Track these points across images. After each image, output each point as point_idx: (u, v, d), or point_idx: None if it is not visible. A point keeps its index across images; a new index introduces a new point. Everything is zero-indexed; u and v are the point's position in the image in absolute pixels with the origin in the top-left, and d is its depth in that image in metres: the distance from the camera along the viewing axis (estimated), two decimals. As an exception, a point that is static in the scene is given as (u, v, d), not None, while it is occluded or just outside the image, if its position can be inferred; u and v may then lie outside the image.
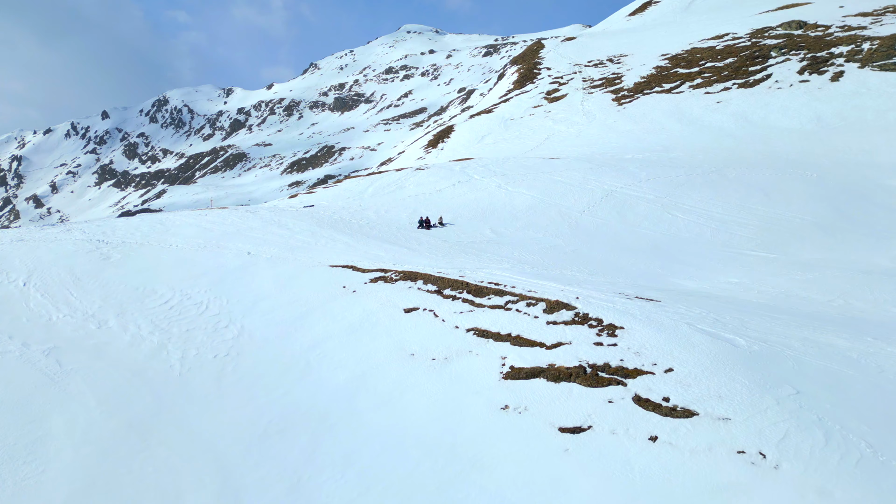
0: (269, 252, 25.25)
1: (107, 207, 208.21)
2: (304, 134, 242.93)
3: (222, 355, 18.48)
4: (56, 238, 27.61)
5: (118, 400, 16.54)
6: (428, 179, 38.32)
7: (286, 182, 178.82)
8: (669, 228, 29.46)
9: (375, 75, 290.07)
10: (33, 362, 17.66)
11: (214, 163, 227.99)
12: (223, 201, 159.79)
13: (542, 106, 63.13)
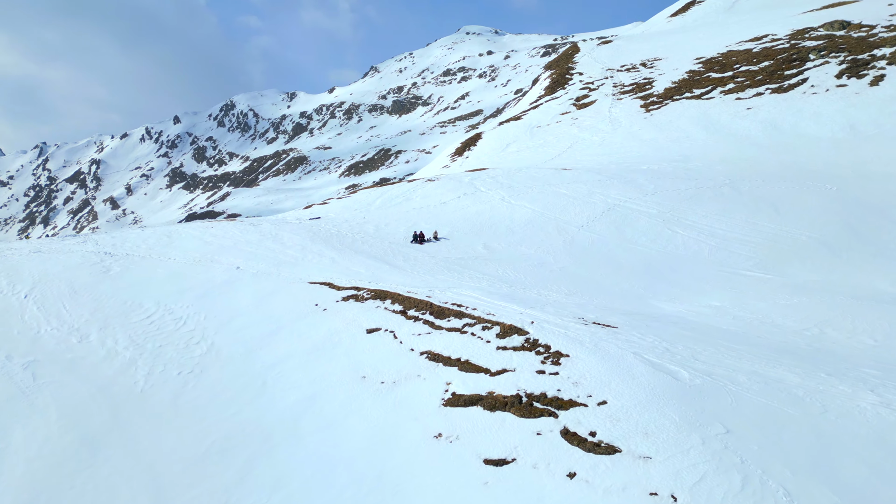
0: (257, 267, 25.83)
1: (176, 209, 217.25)
2: (362, 137, 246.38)
3: (186, 372, 19.02)
4: (69, 250, 29.07)
5: (78, 415, 17.25)
6: (435, 192, 38.31)
7: (343, 185, 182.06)
8: (667, 245, 28.46)
9: (433, 78, 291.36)
10: (11, 375, 18.61)
11: (277, 166, 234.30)
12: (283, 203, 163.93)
13: (569, 113, 61.94)
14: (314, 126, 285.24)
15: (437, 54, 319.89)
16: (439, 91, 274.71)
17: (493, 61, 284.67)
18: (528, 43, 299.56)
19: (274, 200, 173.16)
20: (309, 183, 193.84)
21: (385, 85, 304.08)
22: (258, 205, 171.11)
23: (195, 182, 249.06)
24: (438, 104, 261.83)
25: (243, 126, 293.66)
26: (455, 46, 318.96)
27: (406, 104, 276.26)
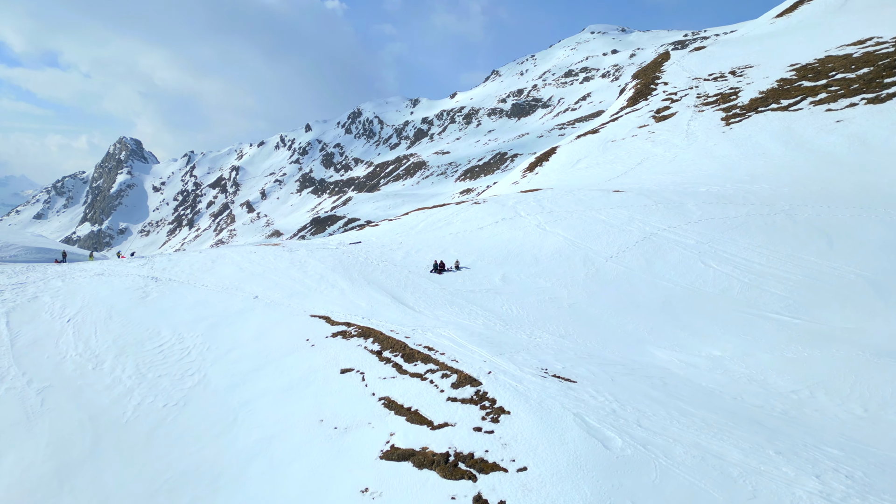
0: (272, 296, 26.90)
1: (305, 212, 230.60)
2: (480, 141, 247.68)
3: (171, 404, 20.23)
4: (126, 273, 31.88)
5: (63, 443, 18.89)
6: (476, 215, 37.75)
7: (458, 189, 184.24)
8: (695, 281, 26.13)
9: (554, 79, 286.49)
10: (24, 399, 20.76)
11: (397, 171, 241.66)
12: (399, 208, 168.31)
13: (647, 126, 58.35)
14: (434, 131, 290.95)
15: (559, 55, 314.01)
16: (560, 93, 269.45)
17: (618, 60, 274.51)
18: (657, 40, 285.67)
19: (392, 205, 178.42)
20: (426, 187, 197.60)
21: (505, 88, 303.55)
22: (377, 209, 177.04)
23: (323, 187, 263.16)
24: (558, 106, 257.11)
25: (368, 132, 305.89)
26: (578, 47, 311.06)
27: (525, 107, 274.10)
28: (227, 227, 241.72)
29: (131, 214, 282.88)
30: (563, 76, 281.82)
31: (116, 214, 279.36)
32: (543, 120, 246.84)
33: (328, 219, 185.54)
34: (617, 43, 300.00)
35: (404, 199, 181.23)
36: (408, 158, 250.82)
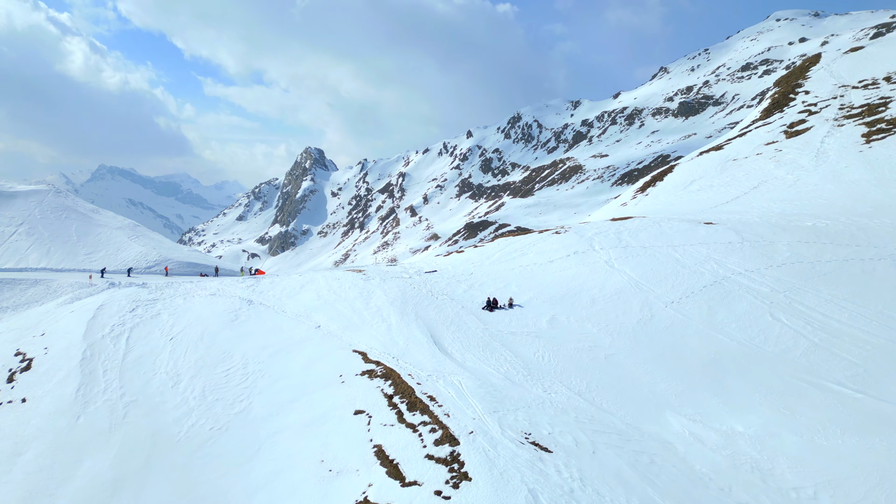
0: (331, 327, 28.85)
1: (462, 217, 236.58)
2: (641, 143, 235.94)
3: (216, 428, 22.75)
4: (231, 294, 35.85)
5: (126, 456, 22.10)
6: (551, 247, 36.66)
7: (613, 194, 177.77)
8: (755, 337, 23.38)
9: (729, 74, 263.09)
10: (113, 411, 24.48)
11: (552, 175, 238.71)
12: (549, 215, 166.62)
13: (775, 143, 51.88)
14: (594, 134, 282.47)
15: (737, 47, 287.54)
16: (734, 88, 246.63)
17: (806, 49, 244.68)
18: (857, 23, 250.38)
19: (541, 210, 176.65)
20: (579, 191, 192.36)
21: (673, 86, 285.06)
22: (527, 214, 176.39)
23: (480, 192, 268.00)
24: (732, 103, 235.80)
25: (527, 137, 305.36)
26: (759, 37, 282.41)
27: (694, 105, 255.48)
28: (392, 230, 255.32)
29: (312, 217, 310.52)
30: (740, 70, 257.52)
31: (300, 217, 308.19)
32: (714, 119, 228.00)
33: (480, 224, 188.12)
34: (806, 30, 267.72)
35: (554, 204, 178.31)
36: (564, 162, 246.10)
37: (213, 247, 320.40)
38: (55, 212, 62.41)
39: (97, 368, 28.39)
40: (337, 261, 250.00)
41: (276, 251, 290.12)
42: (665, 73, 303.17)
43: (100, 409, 25.26)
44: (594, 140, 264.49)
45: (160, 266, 54.37)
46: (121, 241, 58.63)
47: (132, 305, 35.96)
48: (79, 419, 24.82)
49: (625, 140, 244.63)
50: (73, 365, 28.98)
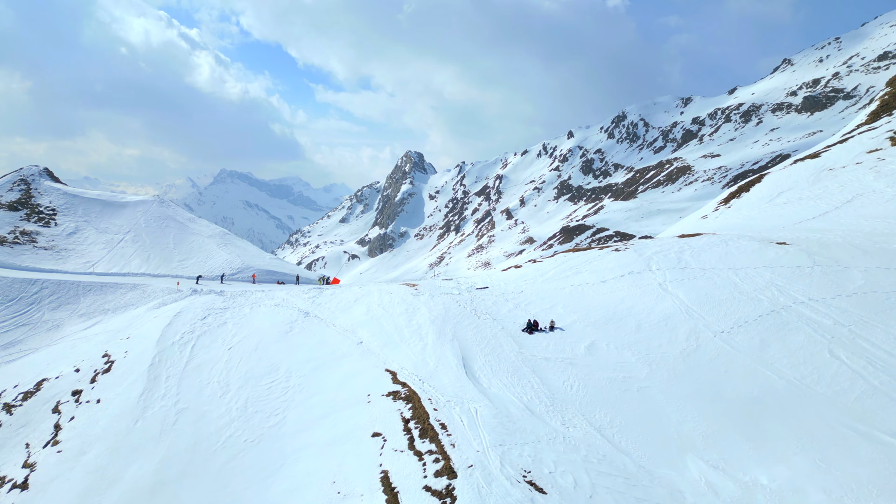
0: (371, 344, 29.64)
1: (559, 220, 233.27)
2: (758, 142, 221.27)
3: (250, 441, 24.14)
4: (291, 306, 37.72)
5: (168, 462, 23.91)
6: (606, 266, 35.20)
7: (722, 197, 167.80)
8: (807, 376, 21.41)
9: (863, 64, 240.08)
10: (165, 417, 26.54)
11: (658, 177, 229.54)
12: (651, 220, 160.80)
13: (879, 151, 46.65)
14: (705, 132, 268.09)
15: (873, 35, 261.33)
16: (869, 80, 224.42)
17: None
18: None
19: (643, 215, 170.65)
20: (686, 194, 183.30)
21: (797, 79, 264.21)
22: (627, 218, 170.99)
23: (579, 194, 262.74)
24: (866, 96, 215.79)
25: (632, 136, 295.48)
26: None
27: (821, 99, 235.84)
28: (488, 234, 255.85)
29: (410, 220, 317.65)
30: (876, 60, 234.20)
31: (399, 220, 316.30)
32: (844, 114, 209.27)
33: (577, 228, 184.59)
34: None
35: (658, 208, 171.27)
36: (671, 163, 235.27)
37: (317, 248, 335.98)
38: (157, 220, 68.28)
39: (161, 374, 30.87)
40: (432, 263, 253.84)
41: (375, 252, 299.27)
42: (789, 65, 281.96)
43: (156, 414, 27.47)
44: (705, 139, 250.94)
45: (243, 273, 58.10)
46: (210, 248, 63.18)
47: (204, 313, 38.71)
48: (137, 423, 27.15)
49: (739, 139, 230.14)
50: (143, 370, 31.68)
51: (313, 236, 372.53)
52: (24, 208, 68.24)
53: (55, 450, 27.65)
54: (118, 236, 65.31)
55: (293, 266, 71.96)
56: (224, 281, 56.41)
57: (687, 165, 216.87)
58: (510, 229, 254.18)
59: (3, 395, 36.89)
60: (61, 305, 52.56)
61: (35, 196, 71.16)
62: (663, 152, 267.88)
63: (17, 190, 71.36)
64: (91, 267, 59.73)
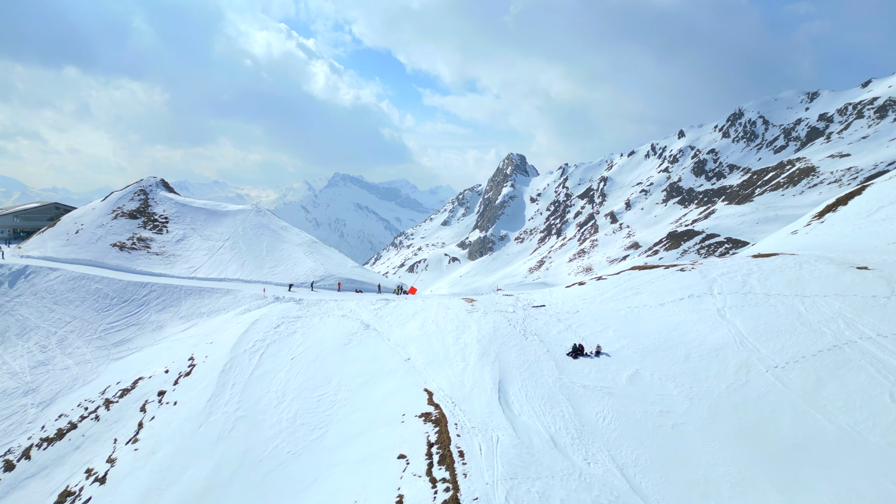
0: (417, 361, 30.40)
1: (667, 224, 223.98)
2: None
3: (292, 453, 25.66)
4: (354, 318, 39.20)
5: (218, 469, 25.88)
6: (667, 287, 33.45)
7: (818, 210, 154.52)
8: (861, 422, 19.50)
9: None
10: (224, 424, 28.66)
11: (777, 178, 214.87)
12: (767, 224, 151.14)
13: None
14: (833, 130, 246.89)
15: None
16: None
17: None
18: None
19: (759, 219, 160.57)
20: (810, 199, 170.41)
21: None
22: (740, 224, 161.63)
23: (690, 196, 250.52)
24: None
25: (749, 135, 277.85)
26: None
27: None
28: (590, 238, 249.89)
29: (510, 223, 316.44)
30: None
31: (499, 223, 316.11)
32: None
33: (685, 234, 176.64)
34: None
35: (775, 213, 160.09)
36: (793, 163, 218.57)
37: (420, 250, 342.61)
38: (253, 228, 73.11)
39: (229, 381, 33.28)
40: (531, 267, 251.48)
41: (475, 256, 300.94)
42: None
43: (217, 420, 29.70)
44: (833, 137, 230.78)
45: (325, 281, 60.93)
46: (298, 256, 66.74)
47: (279, 322, 41.19)
48: (200, 427, 29.50)
49: (873, 136, 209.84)
50: (214, 375, 34.29)
51: (416, 239, 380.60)
52: (141, 216, 75.63)
53: (133, 447, 30.65)
54: (218, 243, 70.67)
55: (374, 274, 74.31)
56: (314, 289, 59.45)
57: (811, 166, 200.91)
58: (614, 234, 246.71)
59: (106, 391, 41.18)
60: (166, 308, 57.66)
61: (152, 205, 78.61)
62: (784, 152, 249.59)
63: (137, 200, 79.17)
64: (193, 272, 65.12)
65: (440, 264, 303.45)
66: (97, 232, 72.34)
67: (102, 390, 41.73)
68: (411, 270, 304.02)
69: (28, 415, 42.94)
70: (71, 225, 75.80)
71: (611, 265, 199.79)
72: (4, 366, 50.00)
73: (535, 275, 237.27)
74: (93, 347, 52.09)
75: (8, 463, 36.67)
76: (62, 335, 54.27)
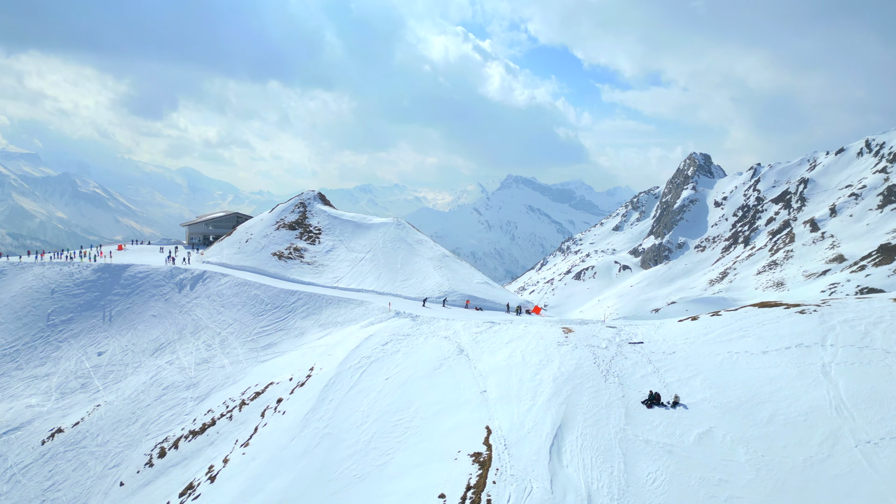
0: (491, 395, 31.41)
1: (882, 234, 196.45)
2: None
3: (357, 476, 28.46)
4: (453, 340, 40.30)
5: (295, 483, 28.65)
6: (777, 332, 29.71)
7: None
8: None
9: None
10: (312, 438, 31.68)
11: None
12: None
13: None
14: None
15: None
16: None
17: None
18: None
19: None
20: None
21: None
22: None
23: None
24: None
25: None
26: None
27: None
28: (784, 248, 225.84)
29: (690, 229, 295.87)
30: None
31: (677, 229, 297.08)
32: None
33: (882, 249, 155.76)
34: None
35: None
36: None
37: (588, 256, 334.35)
38: (392, 242, 77.70)
39: (328, 396, 36.44)
40: (712, 279, 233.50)
41: (649, 264, 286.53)
42: None
43: (307, 434, 32.79)
44: None
45: (449, 297, 63.12)
46: (427, 270, 69.73)
47: (388, 339, 43.96)
48: (293, 440, 32.80)
49: None
50: (318, 390, 37.72)
51: (584, 244, 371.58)
52: (299, 227, 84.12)
53: (242, 451, 34.97)
54: (360, 255, 76.30)
55: (502, 291, 74.78)
56: (446, 305, 62.02)
57: None
58: (814, 244, 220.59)
59: (245, 392, 46.94)
60: (309, 315, 63.79)
61: (308, 217, 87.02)
62: None
63: (297, 212, 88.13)
64: (336, 281, 71.13)
65: (609, 272, 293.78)
66: (262, 241, 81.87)
67: (243, 391, 47.61)
68: (578, 278, 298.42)
69: (186, 407, 50.17)
70: (243, 234, 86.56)
71: (807, 281, 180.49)
72: (177, 361, 58.73)
73: (716, 288, 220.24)
74: (246, 349, 59.29)
75: (162, 450, 43.38)
76: (224, 336, 62.44)
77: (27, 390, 55.61)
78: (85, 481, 42.71)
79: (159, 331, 64.58)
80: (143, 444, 45.22)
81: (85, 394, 54.52)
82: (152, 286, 72.37)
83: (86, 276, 72.72)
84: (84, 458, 44.95)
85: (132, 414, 49.49)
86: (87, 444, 46.36)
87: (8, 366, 59.50)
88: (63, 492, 41.97)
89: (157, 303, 69.58)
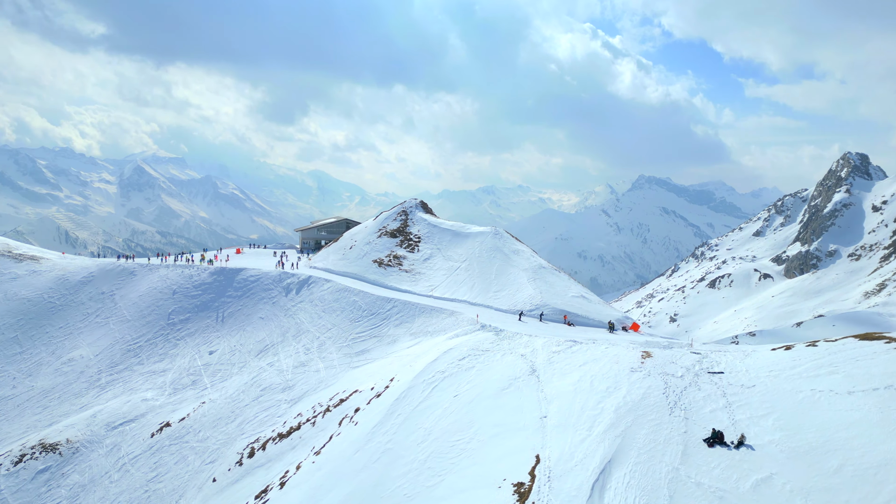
0: (552, 420, 31.30)
1: None
2: None
3: (408, 496, 30.03)
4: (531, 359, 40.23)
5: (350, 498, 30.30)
6: (869, 371, 26.50)
7: None
8: None
9: None
10: (371, 453, 33.20)
11: None
12: None
13: None
14: None
15: None
16: None
17: None
18: None
19: None
20: None
21: None
22: None
23: None
24: None
25: None
26: None
27: None
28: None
29: (842, 236, 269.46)
30: None
31: (827, 235, 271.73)
32: None
33: None
34: None
35: None
36: None
37: (724, 263, 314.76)
38: (488, 251, 78.24)
39: (397, 410, 37.74)
40: (868, 291, 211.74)
41: (793, 273, 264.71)
42: None
43: (369, 448, 34.20)
44: None
45: (540, 310, 62.54)
46: (521, 282, 69.50)
47: (466, 354, 44.65)
48: (356, 453, 34.37)
49: None
50: (389, 403, 39.16)
51: (721, 250, 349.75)
52: (400, 235, 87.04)
53: (313, 459, 37.10)
54: (456, 264, 77.64)
55: (600, 307, 72.33)
56: (542, 320, 61.81)
57: None
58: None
59: (333, 398, 49.55)
60: (402, 323, 65.97)
61: (409, 225, 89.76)
62: None
63: (399, 220, 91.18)
64: (431, 290, 72.93)
65: (748, 281, 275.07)
66: (364, 248, 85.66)
67: (331, 396, 50.35)
68: (712, 286, 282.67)
69: (279, 409, 53.81)
70: (348, 240, 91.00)
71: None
72: (277, 363, 63.04)
73: (872, 301, 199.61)
74: (340, 354, 62.42)
75: (251, 450, 46.93)
76: (322, 340, 66.11)
77: (145, 384, 62.13)
78: (184, 475, 47.14)
79: (265, 332, 69.47)
80: (238, 442, 49.04)
81: (194, 390, 59.99)
82: (262, 289, 77.97)
83: (203, 279, 79.77)
84: (185, 453, 49.59)
85: (231, 413, 53.79)
86: (189, 440, 51.09)
87: (131, 360, 66.77)
88: (164, 483, 46.64)
89: (266, 306, 74.88)
